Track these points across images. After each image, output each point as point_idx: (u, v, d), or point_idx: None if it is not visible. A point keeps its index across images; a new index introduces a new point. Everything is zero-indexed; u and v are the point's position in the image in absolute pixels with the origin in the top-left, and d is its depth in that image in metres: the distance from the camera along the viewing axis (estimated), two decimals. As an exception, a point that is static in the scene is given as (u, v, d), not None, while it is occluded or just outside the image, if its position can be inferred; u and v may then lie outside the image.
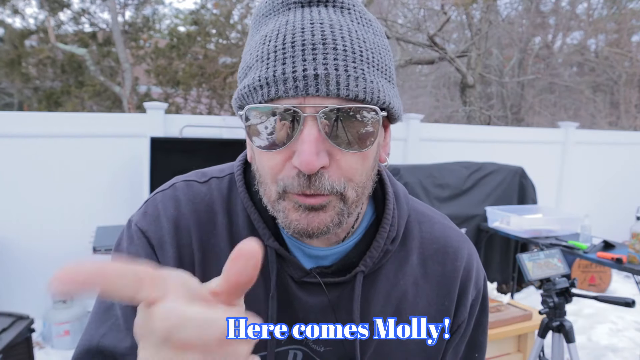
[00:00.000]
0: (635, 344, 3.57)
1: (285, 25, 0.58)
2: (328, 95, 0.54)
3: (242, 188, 0.70)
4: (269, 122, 0.56)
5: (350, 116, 0.56)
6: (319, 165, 0.54)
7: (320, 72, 0.54)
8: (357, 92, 0.55)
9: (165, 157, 3.51)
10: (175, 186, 0.72)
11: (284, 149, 0.56)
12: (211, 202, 0.70)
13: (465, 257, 0.75)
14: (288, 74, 0.55)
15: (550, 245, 3.47)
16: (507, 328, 2.38)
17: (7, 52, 8.59)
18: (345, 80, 0.55)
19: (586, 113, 10.79)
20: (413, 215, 0.75)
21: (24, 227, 3.55)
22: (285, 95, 0.55)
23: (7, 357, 2.41)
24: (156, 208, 0.69)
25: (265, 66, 0.56)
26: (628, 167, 6.33)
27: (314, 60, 0.55)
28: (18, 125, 3.54)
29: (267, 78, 0.56)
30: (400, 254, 0.71)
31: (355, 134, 0.57)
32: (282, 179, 0.58)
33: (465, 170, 4.38)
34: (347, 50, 0.56)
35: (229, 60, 8.35)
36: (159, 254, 0.67)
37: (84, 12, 9.34)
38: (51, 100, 8.81)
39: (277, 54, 0.56)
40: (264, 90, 0.56)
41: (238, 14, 8.55)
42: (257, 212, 0.68)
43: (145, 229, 0.67)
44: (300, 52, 0.55)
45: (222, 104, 8.91)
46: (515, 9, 10.36)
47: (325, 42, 0.56)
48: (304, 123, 0.55)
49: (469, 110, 7.04)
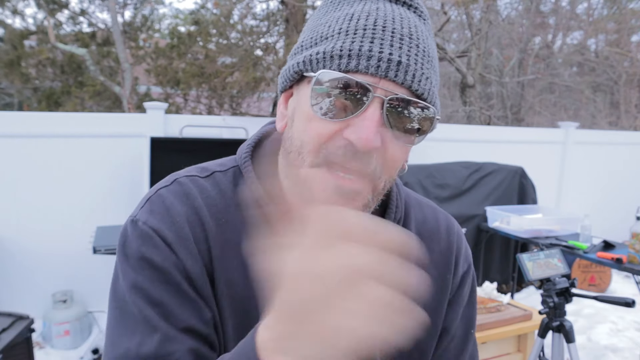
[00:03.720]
0: (635, 344, 3.57)
1: (376, 11, 0.61)
2: (402, 84, 0.57)
3: (255, 179, 0.69)
4: (337, 91, 0.57)
5: (413, 109, 0.59)
6: (375, 144, 0.56)
7: (404, 60, 0.58)
8: (424, 90, 0.59)
9: (165, 157, 3.51)
10: (180, 181, 0.69)
11: (341, 121, 0.58)
12: (219, 196, 0.69)
13: (456, 232, 0.82)
14: (374, 52, 0.57)
15: (550, 245, 3.47)
16: (507, 328, 2.38)
17: (6, 53, 8.59)
18: (420, 75, 0.59)
19: (586, 113, 10.79)
20: (407, 200, 0.79)
21: (24, 227, 3.55)
22: (365, 71, 0.57)
23: (7, 357, 2.41)
24: (163, 205, 0.66)
25: (350, 39, 0.58)
26: (628, 167, 6.33)
27: (399, 48, 0.58)
28: (18, 125, 3.54)
29: (350, 50, 0.58)
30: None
31: (410, 128, 0.59)
32: (326, 147, 0.59)
33: (465, 170, 4.38)
34: (425, 51, 0.61)
35: (228, 60, 8.35)
36: (178, 251, 0.64)
37: (83, 12, 9.34)
38: (51, 100, 8.81)
39: (367, 31, 0.58)
40: (343, 60, 0.58)
41: (238, 14, 8.55)
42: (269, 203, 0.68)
43: (158, 227, 0.64)
44: (389, 37, 0.58)
45: (222, 104, 8.90)
46: (515, 9, 10.36)
47: (412, 37, 0.60)
48: (371, 102, 0.57)
49: (469, 110, 7.04)
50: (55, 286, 3.60)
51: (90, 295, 3.72)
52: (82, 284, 3.68)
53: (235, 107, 8.45)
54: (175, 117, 4.02)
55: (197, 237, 0.65)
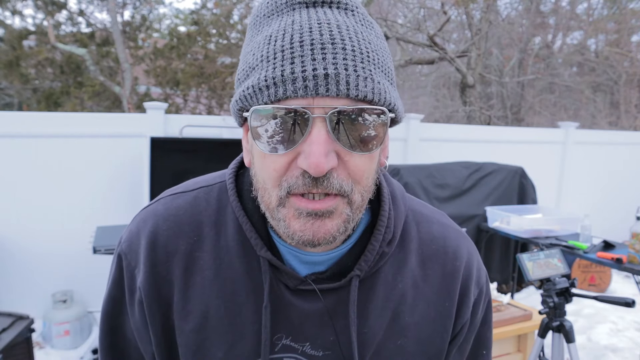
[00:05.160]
0: (635, 344, 3.57)
1: (291, 25, 0.56)
2: (338, 96, 0.53)
3: (234, 196, 0.68)
4: (275, 123, 0.54)
5: (359, 117, 0.55)
6: (328, 167, 0.53)
7: (331, 72, 0.53)
8: (366, 93, 0.54)
9: (165, 157, 3.51)
10: (160, 200, 0.71)
11: (290, 151, 0.55)
12: (196, 213, 0.69)
13: (465, 257, 0.73)
14: (297, 74, 0.53)
15: (550, 245, 3.47)
16: (507, 328, 2.38)
17: (5, 53, 8.58)
18: (354, 80, 0.54)
19: (586, 113, 10.79)
20: (411, 216, 0.73)
21: (24, 227, 3.54)
22: (294, 95, 0.53)
23: (7, 357, 2.41)
24: (137, 226, 0.69)
25: (272, 66, 0.54)
26: (628, 167, 6.33)
27: (323, 60, 0.53)
28: (18, 125, 3.54)
29: (274, 78, 0.54)
30: (398, 256, 0.70)
31: (364, 136, 0.55)
32: (286, 180, 0.56)
33: (465, 170, 4.38)
34: (355, 50, 0.55)
35: (228, 60, 8.34)
36: (137, 275, 0.67)
37: (82, 12, 9.33)
38: (50, 100, 8.81)
39: (285, 53, 0.54)
40: (270, 91, 0.54)
41: (238, 14, 8.55)
42: (249, 221, 0.66)
43: (125, 252, 0.68)
44: (309, 51, 0.53)
45: (221, 104, 8.91)
46: (515, 9, 10.36)
47: (334, 42, 0.54)
48: (313, 124, 0.53)
49: (469, 110, 7.03)
50: (55, 286, 3.60)
51: (90, 295, 3.72)
52: (82, 284, 3.68)
53: (235, 107, 8.45)
54: (175, 117, 4.02)
55: (157, 259, 0.68)
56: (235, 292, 0.66)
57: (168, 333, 0.68)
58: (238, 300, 0.66)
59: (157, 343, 0.68)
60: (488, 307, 0.78)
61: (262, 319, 0.65)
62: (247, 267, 0.66)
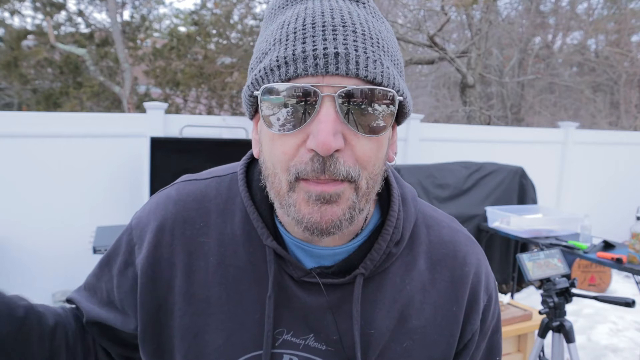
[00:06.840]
0: (635, 344, 3.57)
1: (304, 11, 0.58)
2: (347, 75, 0.54)
3: (244, 186, 0.69)
4: (284, 102, 0.55)
5: (368, 98, 0.55)
6: (335, 146, 0.53)
7: (341, 51, 0.54)
8: (375, 75, 0.55)
9: (165, 157, 3.51)
10: (175, 185, 0.74)
11: (299, 131, 0.55)
12: (205, 200, 0.70)
13: (475, 263, 0.73)
14: (308, 52, 0.54)
15: (550, 245, 3.47)
16: (507, 328, 2.38)
17: (5, 53, 8.58)
18: (364, 61, 0.55)
19: (586, 113, 10.79)
20: (421, 219, 0.73)
21: (24, 227, 3.55)
22: (305, 73, 0.54)
23: (7, 357, 2.40)
24: (150, 206, 0.72)
25: (284, 47, 0.56)
26: (628, 167, 6.33)
27: (334, 40, 0.55)
28: (18, 125, 3.54)
29: (285, 57, 0.55)
30: (407, 258, 0.70)
31: (372, 118, 0.56)
32: (294, 165, 0.56)
33: (465, 170, 4.38)
34: (366, 34, 0.57)
35: (228, 60, 8.34)
36: (137, 251, 0.69)
37: (81, 13, 9.33)
38: (50, 101, 8.80)
39: (297, 34, 0.56)
40: (281, 70, 0.55)
41: (238, 14, 8.55)
42: (256, 211, 0.67)
43: (133, 227, 0.72)
44: (320, 32, 0.55)
45: (221, 104, 8.91)
46: (515, 9, 10.37)
47: (345, 25, 0.56)
48: (322, 103, 0.54)
49: (469, 110, 7.03)
50: (55, 286, 3.60)
51: (90, 296, 3.72)
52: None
53: (235, 107, 8.46)
54: (175, 117, 4.02)
55: (161, 241, 0.70)
56: (238, 280, 0.66)
57: (163, 315, 0.68)
58: (240, 289, 0.66)
59: (144, 323, 0.68)
60: (497, 313, 0.78)
61: (264, 310, 0.65)
62: (251, 257, 0.67)
